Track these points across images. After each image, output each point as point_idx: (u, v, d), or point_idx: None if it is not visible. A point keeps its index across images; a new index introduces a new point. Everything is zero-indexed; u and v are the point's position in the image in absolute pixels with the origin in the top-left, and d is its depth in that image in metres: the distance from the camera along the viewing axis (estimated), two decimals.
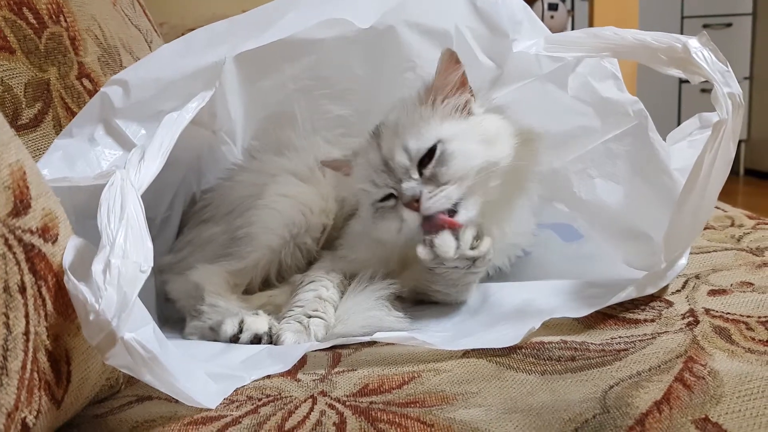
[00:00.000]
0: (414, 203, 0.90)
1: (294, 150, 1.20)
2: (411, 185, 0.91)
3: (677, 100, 4.76)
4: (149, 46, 1.32)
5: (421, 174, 0.92)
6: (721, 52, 0.76)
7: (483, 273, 0.96)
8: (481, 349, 0.79)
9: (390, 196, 0.96)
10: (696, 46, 0.76)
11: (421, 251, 0.90)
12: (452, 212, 0.91)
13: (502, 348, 0.78)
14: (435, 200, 0.90)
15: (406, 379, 0.75)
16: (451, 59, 0.94)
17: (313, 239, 1.12)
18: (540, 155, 1.01)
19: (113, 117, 0.81)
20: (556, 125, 1.03)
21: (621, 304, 0.86)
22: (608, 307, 0.85)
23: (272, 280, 1.11)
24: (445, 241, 0.89)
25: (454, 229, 0.90)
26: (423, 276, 0.97)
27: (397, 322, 0.92)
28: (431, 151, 0.92)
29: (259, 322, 0.93)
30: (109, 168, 0.78)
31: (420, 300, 1.02)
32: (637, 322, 0.84)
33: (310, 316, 0.94)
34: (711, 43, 0.76)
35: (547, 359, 0.76)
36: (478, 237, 0.91)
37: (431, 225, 0.91)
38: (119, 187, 0.66)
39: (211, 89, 0.82)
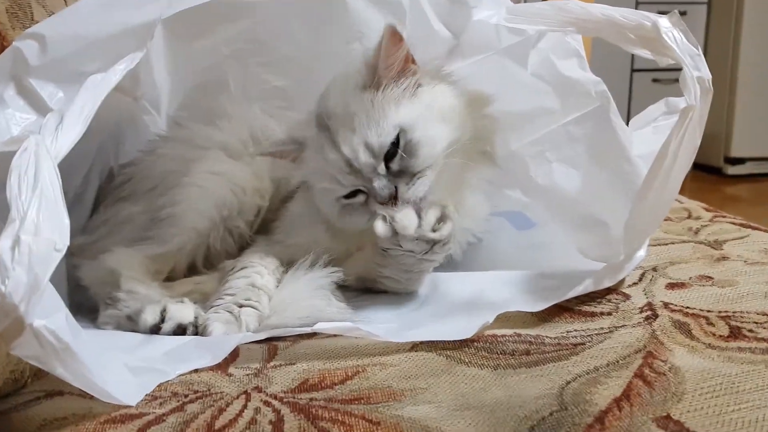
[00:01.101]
0: (391, 201, 0.92)
1: (227, 119, 1.18)
2: (383, 184, 0.92)
3: (628, 88, 4.87)
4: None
5: (388, 168, 0.93)
6: None
7: (439, 261, 0.97)
8: (431, 342, 0.80)
9: (357, 191, 0.97)
10: (666, 25, 0.77)
11: (380, 227, 0.90)
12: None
13: (453, 341, 0.79)
14: (413, 192, 0.92)
15: (350, 374, 0.74)
16: (394, 37, 0.93)
17: (245, 222, 1.12)
18: (495, 121, 1.03)
19: (27, 76, 0.77)
20: (514, 105, 1.03)
21: (577, 297, 0.88)
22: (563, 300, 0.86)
23: (199, 268, 1.10)
24: (406, 217, 0.90)
25: (417, 208, 0.91)
26: (375, 259, 0.97)
27: (339, 312, 0.92)
28: (395, 143, 0.93)
29: (184, 311, 0.92)
30: (22, 133, 0.74)
31: (366, 289, 1.02)
32: (593, 315, 0.85)
33: (241, 306, 0.93)
34: (682, 23, 0.77)
35: (501, 353, 0.76)
36: (441, 219, 0.92)
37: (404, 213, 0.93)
38: (33, 153, 0.63)
39: (141, 50, 0.78)
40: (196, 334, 0.90)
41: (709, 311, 0.83)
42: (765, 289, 0.89)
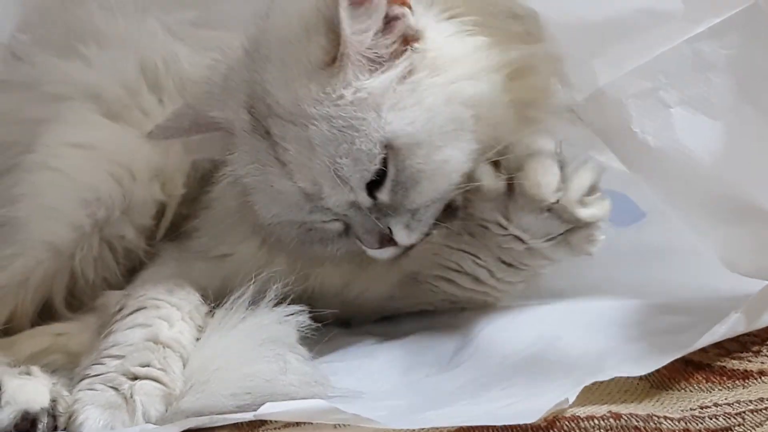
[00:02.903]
0: (386, 242, 0.95)
1: (99, 44, 1.15)
2: (370, 226, 0.94)
3: None
4: None
5: (374, 198, 0.93)
6: None
7: (557, 262, 0.99)
8: (464, 429, 0.77)
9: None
10: None
11: (487, 175, 0.93)
12: None
13: (503, 428, 0.77)
14: (417, 234, 0.95)
15: None
16: None
17: (136, 229, 1.09)
18: (556, 70, 1.01)
19: None
20: (599, 6, 0.98)
21: (718, 345, 0.87)
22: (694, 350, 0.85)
23: (58, 308, 1.07)
24: (543, 169, 0.92)
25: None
26: (443, 241, 1.00)
27: (303, 383, 0.90)
28: (382, 168, 0.92)
29: (32, 390, 0.87)
30: None
31: (344, 323, 1.09)
32: (745, 375, 0.83)
33: (135, 377, 0.89)
34: None
35: None
36: (592, 190, 0.93)
37: None
38: None
39: None
40: (55, 429, 0.87)
41: None
42: None
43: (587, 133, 1.06)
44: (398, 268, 1.04)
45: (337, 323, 1.07)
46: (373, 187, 0.93)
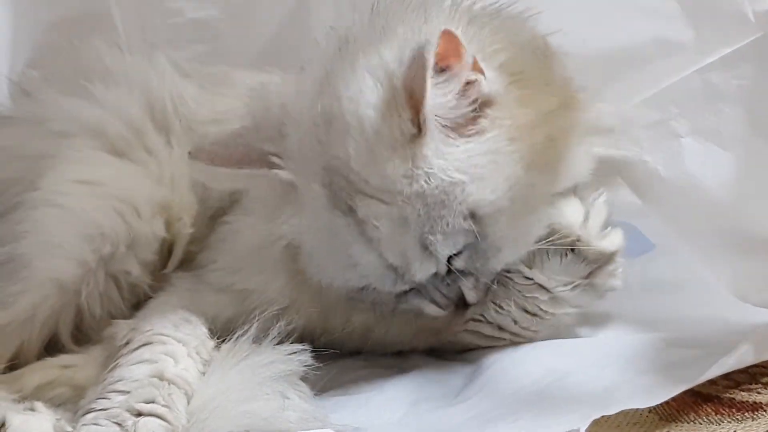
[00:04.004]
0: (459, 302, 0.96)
1: (106, 83, 1.14)
2: (445, 292, 0.94)
3: None
4: None
5: (450, 265, 0.93)
6: None
7: (585, 308, 1.00)
8: None
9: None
10: None
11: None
12: None
13: None
14: (482, 289, 0.95)
15: None
16: (451, 45, 0.87)
17: (141, 265, 1.07)
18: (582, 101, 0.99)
19: None
20: (612, 37, 1.02)
21: (727, 377, 0.87)
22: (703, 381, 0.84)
23: (65, 342, 1.05)
24: (569, 203, 0.94)
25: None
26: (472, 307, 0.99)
27: (302, 419, 0.89)
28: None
29: (36, 426, 0.86)
30: None
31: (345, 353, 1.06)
32: (755, 407, 0.84)
33: (139, 414, 0.86)
34: None
35: None
36: (606, 224, 0.95)
37: None
38: None
39: None
40: None
41: None
42: None
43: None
44: (424, 318, 1.01)
45: (347, 352, 1.07)
46: (452, 256, 0.92)
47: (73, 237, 1.03)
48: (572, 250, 0.93)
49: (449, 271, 0.93)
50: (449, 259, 0.92)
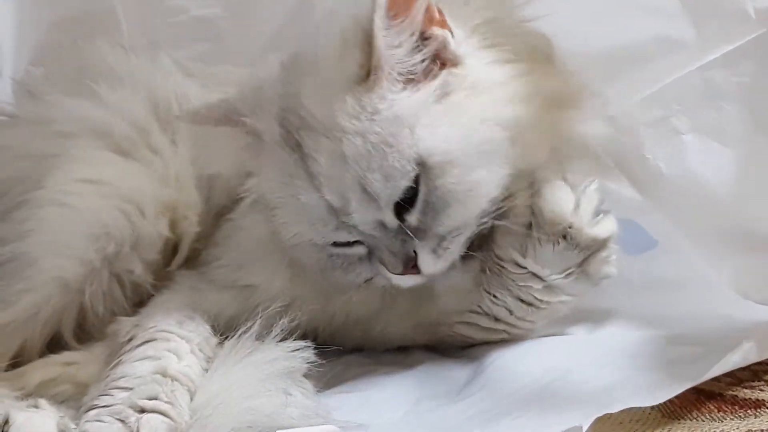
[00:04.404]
0: (410, 268, 0.92)
1: (111, 83, 1.13)
2: (396, 248, 0.92)
3: None
4: None
5: (402, 221, 0.92)
6: None
7: (580, 296, 0.99)
8: None
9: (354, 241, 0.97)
10: None
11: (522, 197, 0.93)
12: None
13: None
14: (442, 262, 0.92)
15: None
16: None
17: (144, 265, 1.07)
18: (585, 102, 0.99)
19: None
20: (614, 35, 1.02)
21: (730, 374, 0.87)
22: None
23: (68, 340, 1.05)
24: (561, 190, 0.93)
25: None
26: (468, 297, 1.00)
27: (304, 415, 0.89)
28: (413, 186, 0.90)
29: (40, 423, 0.86)
30: None
31: (355, 350, 1.07)
32: (757, 404, 0.85)
33: (142, 411, 0.87)
34: None
35: None
36: (598, 210, 0.94)
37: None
38: None
39: None
40: None
41: None
42: None
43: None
44: (422, 311, 1.03)
45: (350, 349, 1.07)
46: (401, 209, 0.91)
47: (77, 236, 1.03)
48: (564, 237, 0.92)
49: (405, 231, 0.92)
50: (401, 215, 0.91)
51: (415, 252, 0.91)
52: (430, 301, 1.02)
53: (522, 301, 0.97)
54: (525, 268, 0.95)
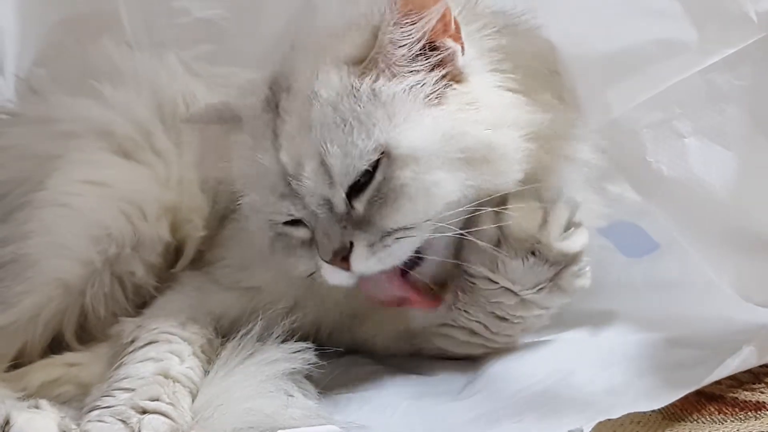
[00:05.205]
0: (340, 260, 0.89)
1: (114, 83, 1.14)
2: (333, 232, 0.89)
3: None
4: None
5: (351, 206, 0.90)
6: None
7: (554, 309, 0.98)
8: None
9: (297, 221, 0.94)
10: None
11: (487, 221, 0.91)
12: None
13: None
14: (375, 261, 0.89)
15: None
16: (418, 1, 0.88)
17: (146, 266, 1.07)
18: (574, 131, 1.00)
19: None
20: (614, 38, 1.00)
21: (731, 376, 0.87)
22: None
23: (69, 341, 1.06)
24: (527, 206, 0.91)
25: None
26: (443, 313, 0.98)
27: (305, 416, 0.89)
28: (370, 170, 0.89)
29: (41, 424, 0.86)
30: None
31: (353, 351, 1.06)
32: (758, 406, 0.85)
33: (144, 412, 0.87)
34: None
35: None
36: (569, 224, 0.93)
37: (374, 283, 0.92)
38: None
39: None
40: None
41: None
42: None
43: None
44: (399, 323, 1.03)
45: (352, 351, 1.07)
46: (352, 194, 0.89)
47: (79, 237, 1.04)
48: (533, 253, 0.91)
49: (349, 219, 0.90)
50: (351, 199, 0.90)
51: (351, 242, 0.89)
52: (409, 315, 1.02)
53: (496, 316, 0.97)
54: (497, 283, 0.94)
